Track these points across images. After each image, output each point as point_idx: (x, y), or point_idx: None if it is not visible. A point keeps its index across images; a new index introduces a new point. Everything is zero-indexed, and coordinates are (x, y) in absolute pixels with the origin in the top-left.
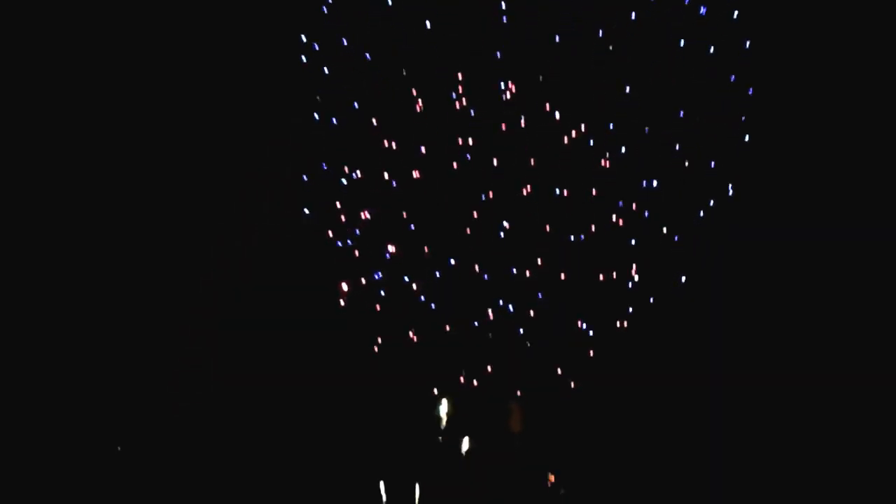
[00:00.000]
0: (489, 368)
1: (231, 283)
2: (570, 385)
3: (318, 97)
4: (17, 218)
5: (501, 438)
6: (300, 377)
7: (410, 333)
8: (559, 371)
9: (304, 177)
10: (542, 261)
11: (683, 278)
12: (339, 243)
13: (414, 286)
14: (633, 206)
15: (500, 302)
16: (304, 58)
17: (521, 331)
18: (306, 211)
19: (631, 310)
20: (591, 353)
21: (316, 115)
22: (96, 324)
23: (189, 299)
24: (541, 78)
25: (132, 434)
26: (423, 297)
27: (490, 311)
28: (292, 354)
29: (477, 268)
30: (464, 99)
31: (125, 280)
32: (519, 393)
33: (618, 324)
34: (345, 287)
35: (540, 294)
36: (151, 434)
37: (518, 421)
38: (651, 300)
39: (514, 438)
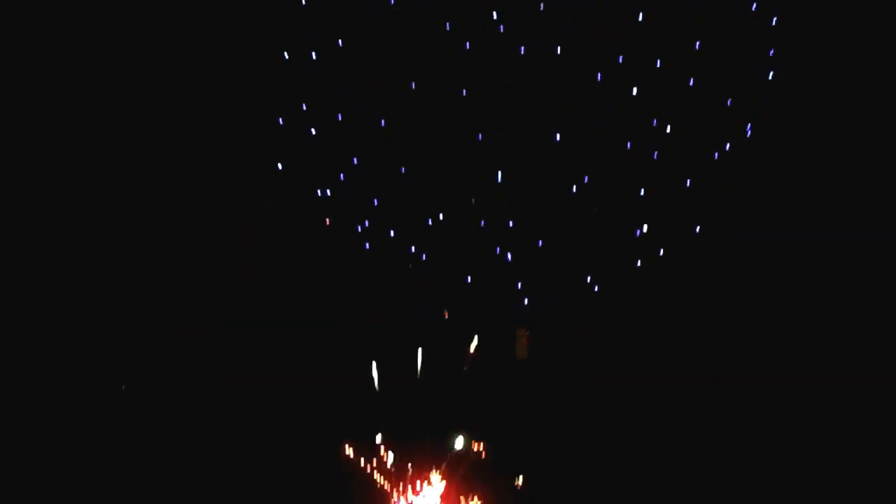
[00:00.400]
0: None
1: (231, 283)
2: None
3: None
4: (18, 219)
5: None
6: (300, 376)
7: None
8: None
9: (280, 120)
10: (544, 207)
11: (698, 228)
12: (320, 192)
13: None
14: (644, 148)
15: (497, 250)
16: None
17: (519, 284)
18: (280, 166)
19: (639, 262)
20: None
21: (286, 55)
22: (97, 324)
23: (189, 299)
24: (542, 6)
25: (132, 432)
26: (413, 248)
27: (486, 259)
28: (292, 353)
29: (473, 214)
30: (458, 31)
31: (126, 280)
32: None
33: (624, 275)
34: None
35: (540, 242)
36: (152, 433)
37: (524, 347)
38: (661, 252)
39: (522, 364)
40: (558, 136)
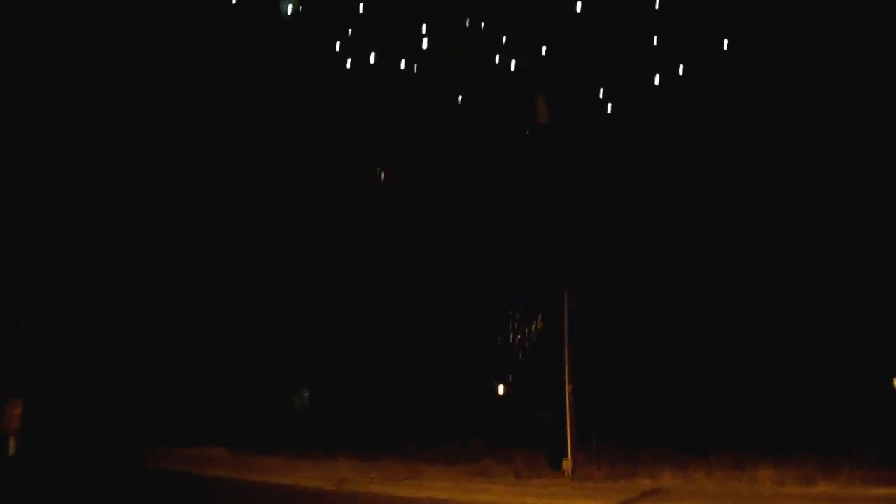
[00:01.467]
0: None
1: (231, 282)
2: None
3: None
4: (20, 220)
5: None
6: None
7: None
8: None
9: None
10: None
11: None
12: None
13: None
14: None
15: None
16: None
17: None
18: None
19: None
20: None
21: None
22: (98, 323)
23: (191, 297)
24: None
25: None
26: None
27: None
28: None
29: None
30: None
31: (127, 279)
32: None
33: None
34: None
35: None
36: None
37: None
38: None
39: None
40: None
